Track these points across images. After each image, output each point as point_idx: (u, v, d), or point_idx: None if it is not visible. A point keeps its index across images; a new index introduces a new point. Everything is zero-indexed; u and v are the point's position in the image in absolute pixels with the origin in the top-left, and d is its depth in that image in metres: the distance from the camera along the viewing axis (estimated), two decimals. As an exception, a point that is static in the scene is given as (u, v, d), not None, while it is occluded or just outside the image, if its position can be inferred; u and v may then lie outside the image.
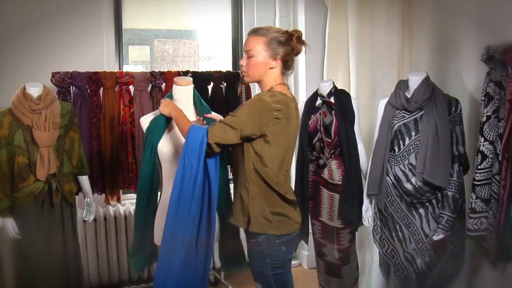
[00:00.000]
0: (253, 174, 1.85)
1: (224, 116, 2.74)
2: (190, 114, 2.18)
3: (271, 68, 1.89)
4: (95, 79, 2.87)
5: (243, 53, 1.94)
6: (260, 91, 1.95)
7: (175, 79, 2.21)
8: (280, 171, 1.89)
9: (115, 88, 2.95)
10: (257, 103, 1.82)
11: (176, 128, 2.10)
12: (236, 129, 1.79)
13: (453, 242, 2.34)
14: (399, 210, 2.39)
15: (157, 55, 3.74)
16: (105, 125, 2.90)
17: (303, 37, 1.93)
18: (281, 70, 1.92)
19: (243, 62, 1.92)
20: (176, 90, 2.18)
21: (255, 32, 1.91)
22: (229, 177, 2.50)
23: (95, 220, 3.14)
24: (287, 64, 1.92)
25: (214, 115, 2.28)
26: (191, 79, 2.30)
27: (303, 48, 1.93)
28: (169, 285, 1.83)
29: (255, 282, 1.98)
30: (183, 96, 2.18)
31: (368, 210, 2.55)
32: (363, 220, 2.58)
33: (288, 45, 1.89)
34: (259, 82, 1.94)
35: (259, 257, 1.91)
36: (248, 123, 1.79)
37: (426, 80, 2.38)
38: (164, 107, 2.00)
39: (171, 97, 2.17)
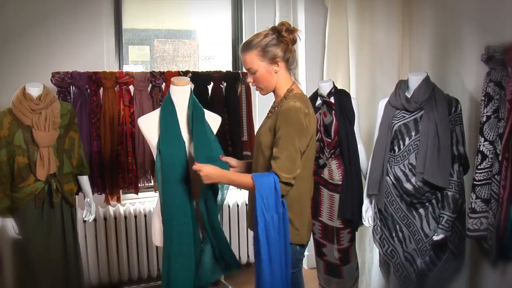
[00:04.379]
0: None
1: (222, 117, 2.75)
2: (186, 114, 2.18)
3: (276, 72, 1.85)
4: (95, 79, 2.87)
5: (246, 70, 1.90)
6: (275, 97, 1.93)
7: (173, 79, 2.21)
8: (309, 170, 1.90)
9: (115, 88, 2.95)
10: (295, 114, 1.75)
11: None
12: (297, 150, 1.74)
13: (453, 242, 2.34)
14: (399, 210, 2.39)
15: (157, 55, 3.74)
16: (105, 125, 2.90)
17: (292, 26, 1.86)
18: (286, 68, 1.88)
19: (250, 80, 1.90)
20: (174, 90, 2.19)
21: (245, 48, 1.85)
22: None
23: (95, 220, 3.14)
24: (289, 61, 1.88)
25: (212, 115, 2.28)
26: (188, 79, 2.29)
27: (297, 36, 1.87)
28: None
29: None
30: (180, 96, 2.18)
31: (368, 210, 2.55)
32: (363, 220, 2.58)
33: (282, 42, 1.83)
34: (273, 90, 1.91)
35: None
36: (301, 137, 1.75)
37: (426, 80, 2.38)
38: (209, 179, 1.82)
39: (169, 97, 2.16)
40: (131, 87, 3.00)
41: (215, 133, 2.25)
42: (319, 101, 2.71)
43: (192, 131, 2.11)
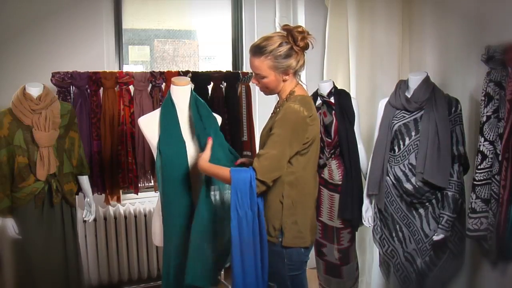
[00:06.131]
0: (287, 185, 1.79)
1: (223, 117, 2.75)
2: (188, 114, 2.18)
3: (284, 81, 1.83)
4: (95, 79, 2.87)
5: (253, 72, 1.85)
6: (278, 97, 1.92)
7: (173, 79, 2.21)
8: (311, 172, 1.88)
9: (115, 88, 2.95)
10: (292, 116, 1.73)
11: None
12: (284, 152, 1.71)
13: (453, 242, 2.34)
14: (399, 210, 2.39)
15: (157, 55, 3.74)
16: (105, 125, 2.90)
17: (307, 32, 1.79)
18: (294, 74, 1.86)
19: (255, 81, 1.85)
20: (174, 90, 2.19)
21: (256, 52, 1.78)
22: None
23: (95, 220, 3.14)
24: (300, 67, 1.85)
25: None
26: (189, 79, 2.29)
27: (311, 42, 1.80)
28: None
29: (269, 282, 1.91)
30: (180, 96, 2.18)
31: (368, 210, 2.55)
32: (363, 220, 2.58)
33: (295, 52, 1.78)
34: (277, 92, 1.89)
35: (277, 258, 1.85)
36: (293, 142, 1.73)
37: (426, 80, 2.38)
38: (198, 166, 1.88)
39: (169, 97, 2.16)
40: (131, 87, 3.00)
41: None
42: (319, 101, 2.71)
43: (196, 121, 2.10)
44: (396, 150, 2.40)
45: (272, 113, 1.94)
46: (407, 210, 2.37)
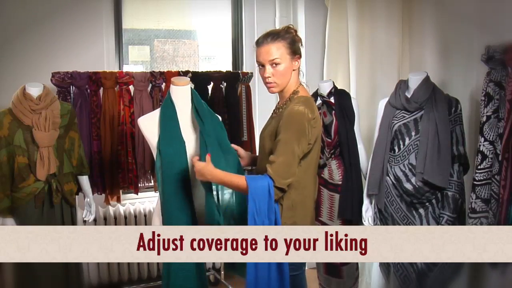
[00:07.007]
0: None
1: (222, 117, 2.74)
2: (188, 114, 2.18)
3: (294, 70, 1.84)
4: (95, 79, 2.87)
5: (261, 65, 1.82)
6: (279, 98, 1.91)
7: (173, 79, 2.20)
8: (312, 173, 1.88)
9: (115, 88, 2.95)
10: (298, 118, 1.73)
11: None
12: (295, 156, 1.72)
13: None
14: (399, 210, 2.39)
15: (157, 55, 3.74)
16: (105, 125, 2.90)
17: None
18: (298, 69, 1.87)
19: (267, 74, 1.80)
20: (174, 90, 2.18)
21: (274, 38, 1.79)
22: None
23: (95, 220, 3.14)
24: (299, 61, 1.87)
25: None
26: (189, 79, 2.29)
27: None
28: None
29: None
30: (180, 96, 2.18)
31: (368, 210, 2.55)
32: (363, 220, 2.58)
33: (299, 41, 1.85)
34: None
35: None
36: (301, 143, 1.73)
37: (426, 80, 2.38)
38: (200, 176, 1.79)
39: (169, 97, 2.16)
40: (131, 87, 3.01)
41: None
42: (319, 101, 2.71)
43: (200, 123, 2.07)
44: (396, 150, 2.40)
45: (272, 113, 1.93)
46: (407, 210, 2.37)
